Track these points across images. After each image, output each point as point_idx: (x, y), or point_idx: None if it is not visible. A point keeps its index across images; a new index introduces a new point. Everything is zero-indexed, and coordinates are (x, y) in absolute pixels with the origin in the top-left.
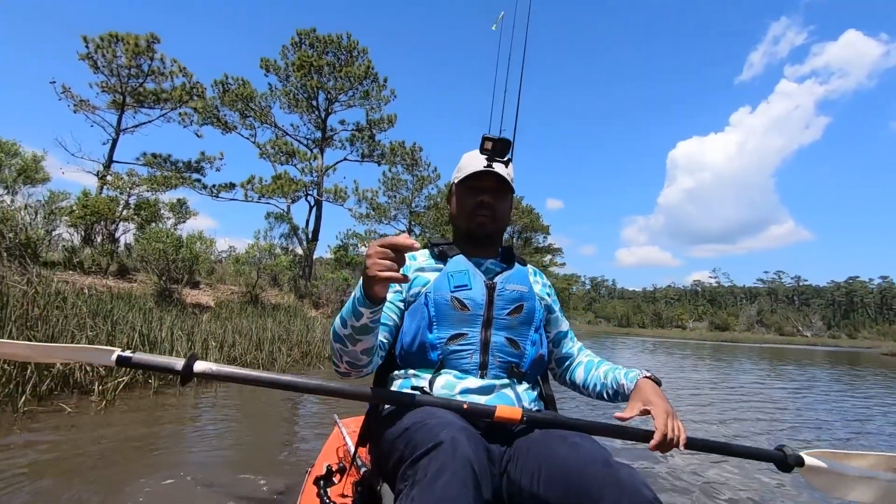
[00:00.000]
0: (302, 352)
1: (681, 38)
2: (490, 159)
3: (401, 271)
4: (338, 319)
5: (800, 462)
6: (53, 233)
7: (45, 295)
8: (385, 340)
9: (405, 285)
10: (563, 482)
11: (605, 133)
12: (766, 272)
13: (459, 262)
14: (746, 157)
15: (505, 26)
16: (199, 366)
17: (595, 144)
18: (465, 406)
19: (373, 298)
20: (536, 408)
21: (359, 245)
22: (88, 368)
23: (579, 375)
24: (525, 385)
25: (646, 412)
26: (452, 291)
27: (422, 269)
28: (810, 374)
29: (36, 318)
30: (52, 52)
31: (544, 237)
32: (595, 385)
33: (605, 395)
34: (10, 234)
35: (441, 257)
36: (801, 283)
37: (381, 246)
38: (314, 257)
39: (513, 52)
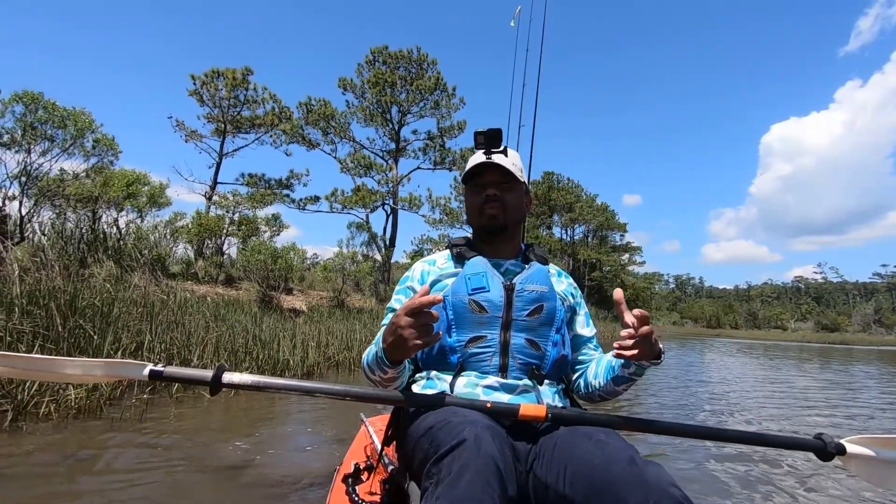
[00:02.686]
0: None
1: (773, 10)
2: (487, 152)
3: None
4: (366, 362)
5: (841, 450)
6: (174, 248)
7: (176, 302)
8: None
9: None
10: (588, 480)
11: (684, 120)
12: (884, 265)
13: (477, 263)
14: (856, 136)
15: (522, 21)
16: (227, 377)
17: (674, 134)
18: (488, 405)
19: (396, 362)
20: (562, 405)
21: (433, 250)
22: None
23: (586, 378)
24: (547, 385)
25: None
26: (470, 294)
27: (441, 274)
28: None
29: (172, 321)
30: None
31: (621, 235)
32: (599, 376)
33: (609, 381)
34: (146, 251)
35: (459, 259)
36: None
37: (407, 315)
38: (392, 262)
39: (539, 45)
